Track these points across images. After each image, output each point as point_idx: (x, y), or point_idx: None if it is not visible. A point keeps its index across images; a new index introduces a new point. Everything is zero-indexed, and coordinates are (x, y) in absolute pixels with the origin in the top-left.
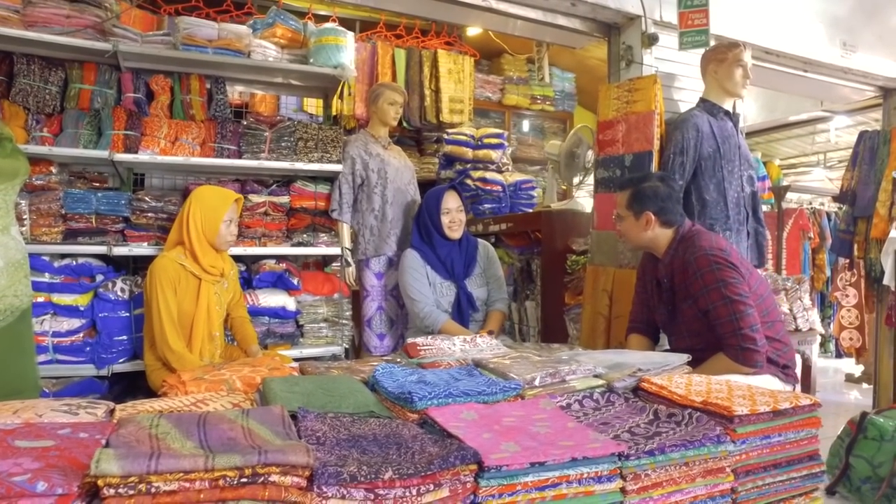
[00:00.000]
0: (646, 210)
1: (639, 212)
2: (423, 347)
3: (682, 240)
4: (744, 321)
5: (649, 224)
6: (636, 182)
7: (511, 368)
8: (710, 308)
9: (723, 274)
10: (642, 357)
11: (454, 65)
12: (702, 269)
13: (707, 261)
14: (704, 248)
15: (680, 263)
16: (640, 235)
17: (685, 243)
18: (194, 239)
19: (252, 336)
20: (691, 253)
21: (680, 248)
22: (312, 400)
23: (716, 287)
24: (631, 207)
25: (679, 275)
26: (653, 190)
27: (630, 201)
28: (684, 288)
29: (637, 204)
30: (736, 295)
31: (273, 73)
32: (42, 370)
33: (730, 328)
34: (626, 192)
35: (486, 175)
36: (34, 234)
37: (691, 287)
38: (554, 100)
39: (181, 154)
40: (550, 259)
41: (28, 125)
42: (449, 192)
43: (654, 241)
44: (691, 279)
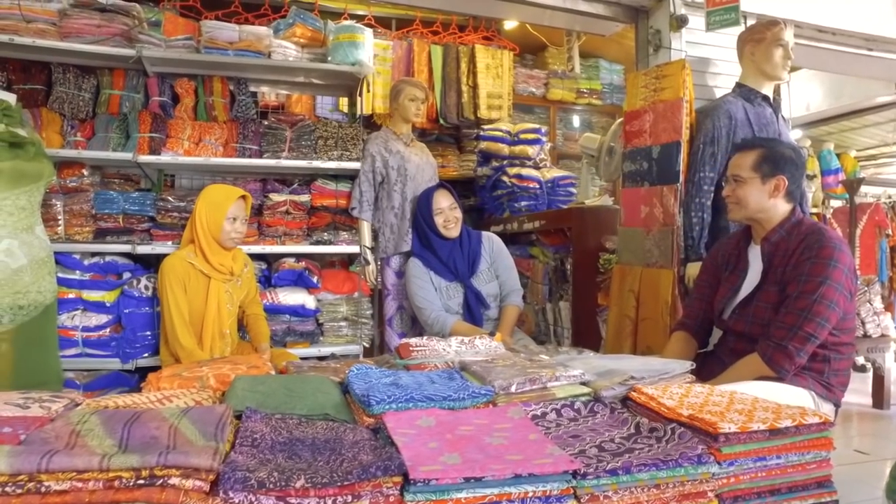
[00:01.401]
0: (779, 174)
1: (769, 174)
2: (415, 348)
3: (798, 223)
4: (811, 324)
5: (777, 191)
6: (768, 143)
7: (493, 373)
8: (793, 294)
9: (835, 273)
10: (641, 363)
11: (492, 60)
12: (819, 258)
13: (831, 253)
14: (834, 241)
15: (788, 247)
16: (761, 202)
17: (805, 229)
18: (202, 237)
19: (264, 333)
20: (816, 240)
21: (795, 231)
22: (269, 400)
23: (818, 280)
24: (759, 169)
25: (780, 258)
26: (789, 155)
27: (759, 162)
28: (780, 272)
29: (769, 165)
30: (827, 299)
31: (294, 73)
32: (72, 363)
33: (791, 321)
34: (753, 153)
35: (522, 172)
36: (68, 233)
37: (792, 271)
38: (601, 93)
39: (204, 155)
40: (582, 258)
41: (63, 130)
42: (438, 190)
43: (768, 212)
44: (799, 263)
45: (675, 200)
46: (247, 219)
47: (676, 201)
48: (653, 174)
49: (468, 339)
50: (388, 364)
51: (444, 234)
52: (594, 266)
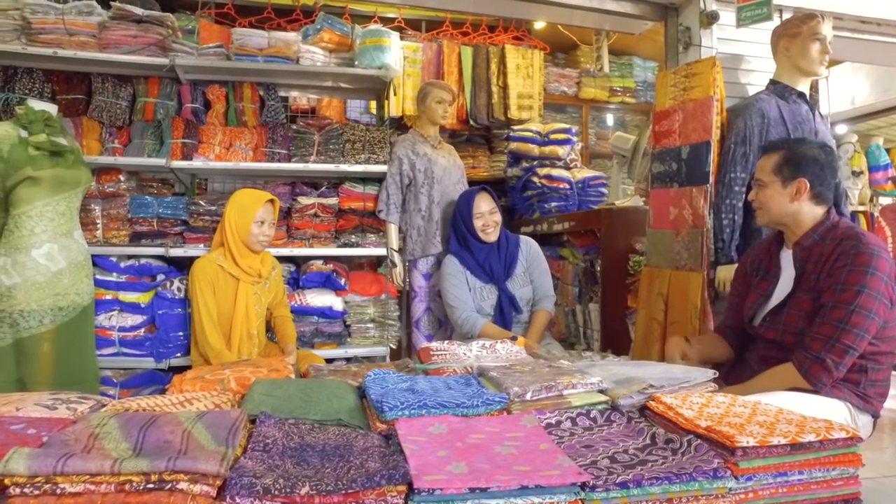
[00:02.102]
0: (800, 176)
1: (789, 177)
2: (436, 353)
3: (833, 227)
4: (849, 336)
5: (799, 194)
6: (792, 144)
7: (509, 379)
8: (829, 304)
9: (873, 282)
10: (662, 371)
11: (522, 59)
12: (857, 266)
13: (868, 260)
14: (872, 247)
15: (822, 252)
16: (783, 206)
17: (840, 233)
18: (231, 240)
19: (290, 335)
20: (853, 246)
21: (829, 235)
22: (285, 404)
23: (856, 289)
24: (780, 172)
25: (814, 264)
26: (812, 155)
27: (780, 164)
28: (813, 279)
29: (789, 168)
30: (866, 309)
31: (322, 78)
32: (110, 362)
33: (828, 332)
34: (776, 155)
35: (553, 172)
36: (106, 236)
37: (827, 279)
38: (635, 91)
39: (234, 160)
40: (612, 259)
41: (102, 138)
42: (480, 194)
43: (795, 216)
44: (834, 271)
45: (705, 202)
46: (275, 222)
47: (706, 203)
48: (682, 175)
49: (490, 342)
50: (407, 368)
51: (483, 239)
52: (624, 268)
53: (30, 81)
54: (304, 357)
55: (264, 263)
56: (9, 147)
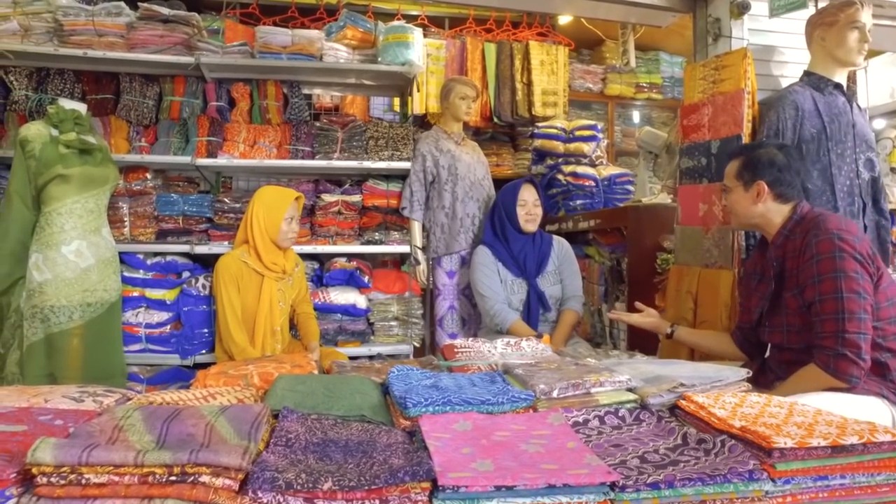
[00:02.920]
0: (758, 179)
1: (749, 181)
2: (460, 350)
3: (801, 220)
4: (851, 323)
5: (760, 196)
6: (749, 149)
7: (535, 376)
8: (816, 300)
9: (844, 264)
10: (692, 369)
11: (547, 56)
12: (822, 253)
13: (831, 245)
14: (831, 231)
15: (794, 246)
16: (748, 209)
17: (806, 224)
18: (258, 237)
19: (314, 332)
20: (814, 235)
21: (798, 228)
22: (307, 400)
23: (832, 277)
24: (741, 176)
25: (791, 259)
26: (768, 157)
27: (740, 169)
28: (795, 274)
29: (748, 172)
30: (852, 291)
31: (345, 75)
32: (136, 358)
33: (832, 328)
34: (737, 161)
35: (578, 169)
36: (133, 234)
37: (803, 273)
38: (662, 87)
39: (258, 157)
40: (639, 258)
41: (130, 136)
42: (526, 184)
43: (764, 216)
44: (806, 264)
45: None
46: (300, 219)
47: None
48: (711, 170)
49: (514, 340)
50: (431, 365)
51: (523, 228)
52: (651, 266)
53: (61, 82)
54: (328, 354)
55: (288, 260)
56: (40, 145)
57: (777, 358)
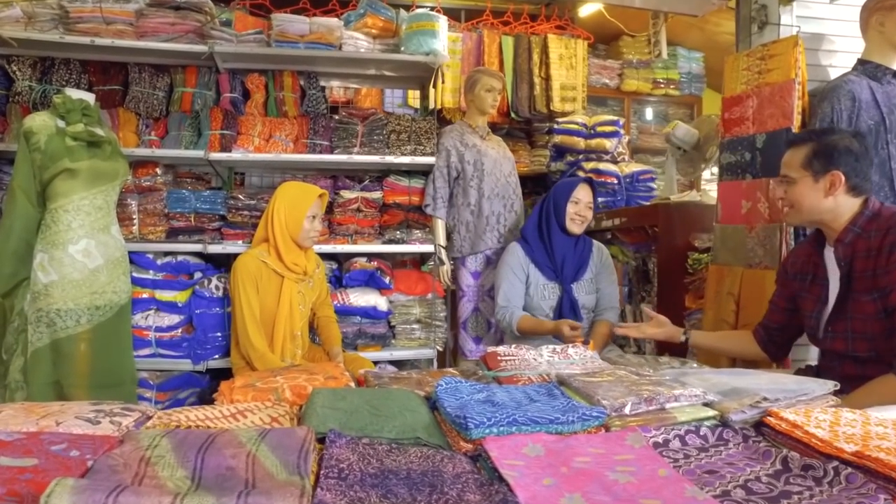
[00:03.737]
0: (832, 168)
1: (821, 171)
2: (504, 358)
3: (874, 216)
4: None
5: (834, 188)
6: (821, 135)
7: (599, 389)
8: None
9: None
10: (770, 381)
11: (566, 50)
12: None
13: None
14: None
15: (867, 245)
16: (817, 203)
17: (882, 221)
18: (278, 236)
19: (336, 337)
20: None
21: (871, 226)
22: (353, 419)
23: None
24: (809, 166)
25: (863, 260)
26: (845, 145)
27: (809, 158)
28: (871, 277)
29: (821, 160)
30: None
31: (365, 65)
32: (146, 363)
33: None
34: (803, 148)
35: (600, 166)
36: (142, 232)
37: (884, 276)
38: (679, 83)
39: (274, 151)
40: (668, 257)
41: (139, 130)
42: (584, 184)
43: (833, 211)
44: (891, 266)
45: None
46: (323, 217)
47: None
48: (756, 165)
49: (561, 347)
50: (475, 376)
51: (568, 227)
52: (682, 266)
53: (67, 72)
54: (351, 361)
55: (309, 260)
56: (46, 137)
57: (836, 369)
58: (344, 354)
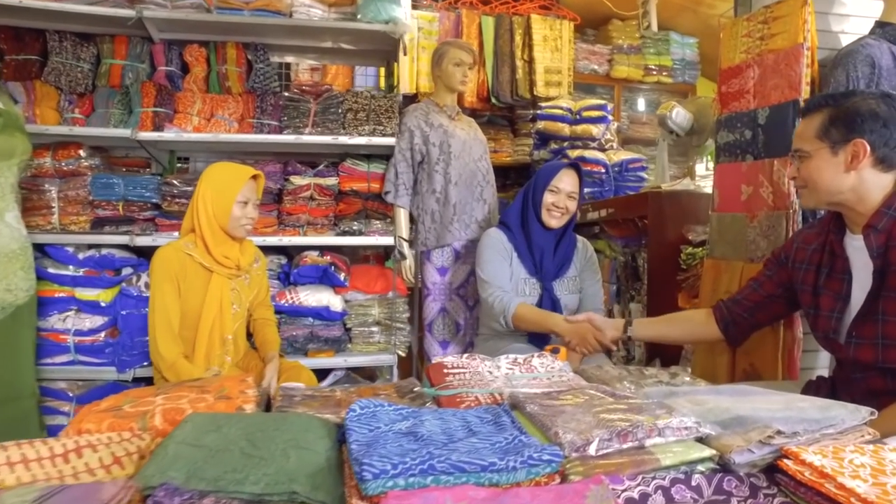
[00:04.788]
0: (855, 137)
1: (840, 141)
2: (451, 371)
3: None
4: None
5: (857, 160)
6: (838, 99)
7: (559, 418)
8: None
9: None
10: (784, 404)
11: (550, 31)
12: None
13: None
14: None
15: None
16: (836, 179)
17: None
18: (204, 224)
19: (271, 342)
20: None
21: None
22: (213, 463)
23: None
24: (826, 135)
25: None
26: (868, 109)
27: (825, 126)
28: None
29: (839, 128)
30: None
31: (320, 36)
32: (64, 372)
33: None
34: (818, 115)
35: (586, 154)
36: (63, 223)
37: None
38: (672, 70)
39: (216, 132)
40: (659, 252)
41: (60, 106)
42: (568, 169)
43: (856, 190)
44: None
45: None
46: (258, 203)
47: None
48: (758, 144)
49: (524, 356)
50: (412, 393)
51: (544, 219)
52: (674, 262)
53: None
54: (289, 369)
55: (244, 253)
56: None
57: (858, 382)
58: (282, 362)
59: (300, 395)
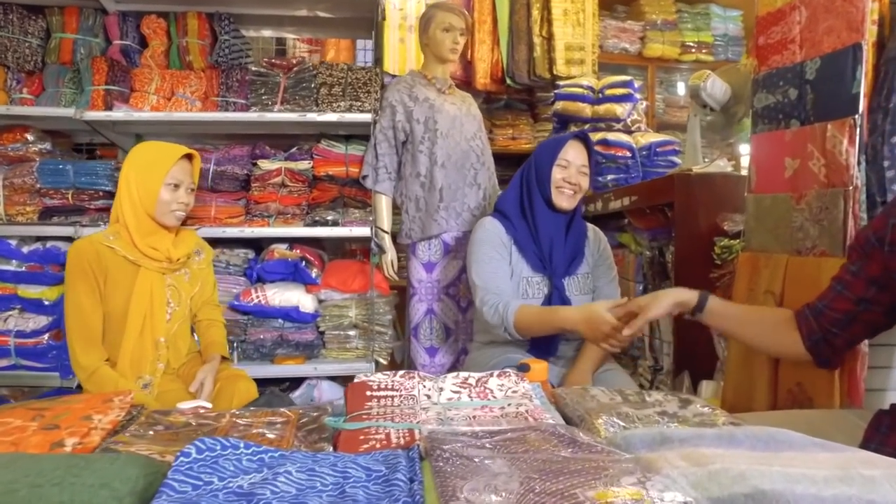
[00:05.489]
0: None
1: None
2: (376, 393)
3: None
4: None
5: None
6: None
7: (472, 479)
8: None
9: None
10: (838, 468)
11: (571, 4)
12: None
13: None
14: None
15: None
16: None
17: None
18: (128, 211)
19: (216, 343)
20: None
21: None
22: None
23: None
24: None
25: None
26: None
27: None
28: None
29: None
30: None
31: (291, 4)
32: (5, 378)
33: None
34: None
35: (609, 136)
36: (8, 213)
37: None
38: (713, 47)
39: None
40: (689, 245)
41: (7, 86)
42: (574, 140)
43: None
44: None
45: (851, 143)
46: (194, 187)
47: (853, 145)
48: (806, 106)
49: (479, 377)
50: (313, 425)
51: (555, 200)
52: (707, 256)
53: None
54: (230, 378)
55: (180, 244)
56: None
57: None
58: (222, 368)
59: (163, 423)
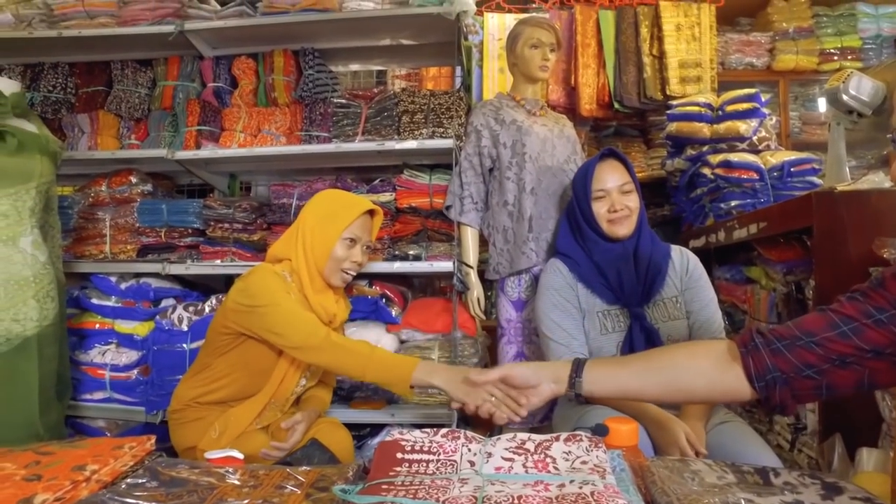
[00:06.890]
0: None
1: None
2: (409, 456)
3: None
4: None
5: None
6: None
7: None
8: None
9: None
10: None
11: (685, 18)
12: None
13: None
14: None
15: None
16: None
17: None
18: (300, 261)
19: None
20: None
21: None
22: None
23: None
24: None
25: None
26: None
27: None
28: None
29: None
30: None
31: (376, 33)
32: (100, 410)
33: None
34: None
35: (732, 158)
36: (113, 251)
37: None
38: (861, 52)
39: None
40: (835, 276)
41: (120, 133)
42: (600, 163)
43: None
44: None
45: None
46: (371, 245)
47: None
48: None
49: (539, 441)
50: (321, 492)
51: (607, 231)
52: None
53: (54, 76)
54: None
55: (341, 305)
56: None
57: None
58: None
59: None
